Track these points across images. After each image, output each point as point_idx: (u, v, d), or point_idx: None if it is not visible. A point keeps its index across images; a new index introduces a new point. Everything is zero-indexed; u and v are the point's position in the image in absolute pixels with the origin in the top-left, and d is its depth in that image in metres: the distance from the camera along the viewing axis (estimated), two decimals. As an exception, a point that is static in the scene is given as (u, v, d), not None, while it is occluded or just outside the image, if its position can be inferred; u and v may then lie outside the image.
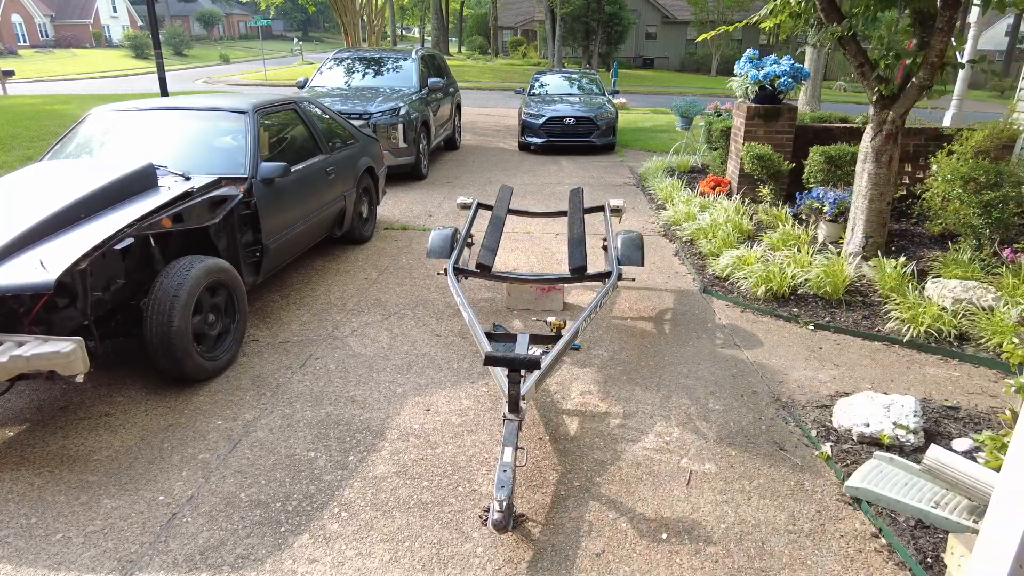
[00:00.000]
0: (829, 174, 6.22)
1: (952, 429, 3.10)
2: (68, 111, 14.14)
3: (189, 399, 3.34)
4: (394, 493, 2.66)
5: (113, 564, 2.29)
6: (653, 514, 2.57)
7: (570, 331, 3.19)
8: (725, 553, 2.37)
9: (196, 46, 47.19)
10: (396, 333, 4.16)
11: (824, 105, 14.76)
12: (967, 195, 5.00)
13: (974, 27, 8.52)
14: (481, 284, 4.90)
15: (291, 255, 4.71)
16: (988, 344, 3.89)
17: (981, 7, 4.78)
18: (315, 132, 5.24)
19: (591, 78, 13.18)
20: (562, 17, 30.52)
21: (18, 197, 3.45)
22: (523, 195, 7.96)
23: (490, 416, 3.23)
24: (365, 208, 6.10)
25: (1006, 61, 33.27)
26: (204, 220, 3.70)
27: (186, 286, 3.25)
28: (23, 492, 2.65)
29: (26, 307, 2.95)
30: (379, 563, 2.30)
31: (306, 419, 3.18)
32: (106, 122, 4.60)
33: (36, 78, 27.99)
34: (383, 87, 9.23)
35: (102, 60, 38.17)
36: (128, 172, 3.65)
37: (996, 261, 4.80)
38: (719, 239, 5.57)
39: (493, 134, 13.42)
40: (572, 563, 2.31)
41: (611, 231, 4.56)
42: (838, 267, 4.67)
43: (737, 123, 7.33)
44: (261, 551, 2.35)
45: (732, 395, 3.47)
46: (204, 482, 2.72)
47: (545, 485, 2.73)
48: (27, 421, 3.17)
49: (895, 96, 4.74)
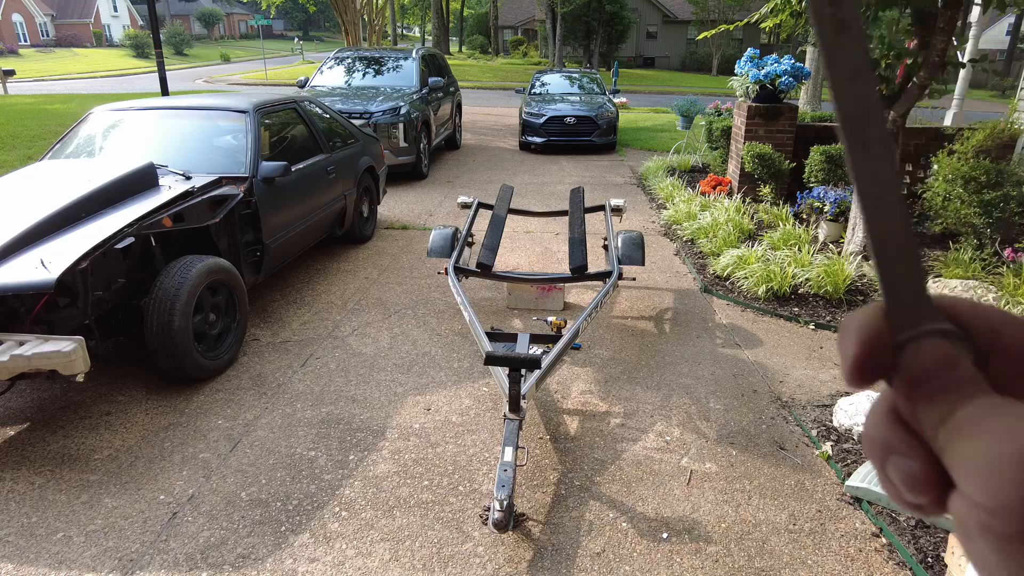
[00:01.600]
0: (830, 173, 6.21)
1: (953, 429, 3.10)
2: (69, 110, 14.15)
3: (190, 398, 3.35)
4: (394, 492, 2.66)
5: (114, 563, 2.29)
6: (654, 513, 2.57)
7: (571, 331, 3.19)
8: (725, 552, 2.37)
9: (197, 45, 47.19)
10: (396, 332, 4.16)
11: (825, 104, 14.74)
12: (968, 195, 4.99)
13: (975, 26, 8.52)
14: (481, 283, 4.90)
15: (292, 254, 4.71)
16: (989, 344, 3.88)
17: (982, 7, 4.77)
18: (316, 131, 5.24)
19: (592, 77, 13.17)
20: (563, 16, 30.50)
21: (19, 196, 3.45)
22: (524, 194, 7.96)
23: (491, 415, 3.23)
24: (366, 207, 6.10)
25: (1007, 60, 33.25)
26: (205, 219, 3.70)
27: (187, 285, 3.25)
28: (24, 491, 2.65)
29: (27, 306, 2.95)
30: (379, 562, 2.31)
31: (307, 418, 3.18)
32: (107, 121, 4.60)
33: (37, 77, 28.00)
34: (384, 86, 9.23)
35: (103, 59, 38.18)
36: (129, 171, 3.65)
37: (997, 261, 4.79)
38: (720, 238, 5.57)
39: (493, 133, 13.41)
40: (572, 562, 2.31)
41: (612, 230, 4.55)
42: (839, 266, 4.67)
43: (738, 122, 7.32)
44: (262, 550, 2.35)
45: (733, 395, 3.47)
46: (205, 481, 2.72)
47: (545, 484, 2.73)
48: (28, 420, 3.17)
49: (896, 95, 4.73)
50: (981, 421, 0.25)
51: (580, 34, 34.27)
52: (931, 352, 0.27)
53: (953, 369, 0.27)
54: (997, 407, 0.25)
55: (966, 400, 0.26)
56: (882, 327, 0.28)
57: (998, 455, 0.24)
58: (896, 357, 0.28)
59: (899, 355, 0.28)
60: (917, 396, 0.27)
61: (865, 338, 0.28)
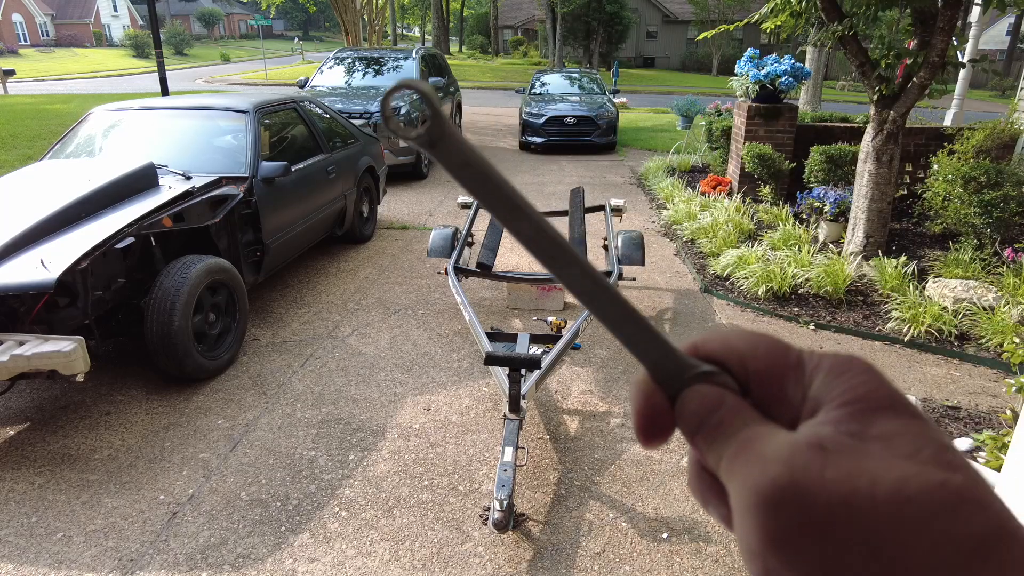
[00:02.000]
0: (830, 173, 6.21)
1: (953, 429, 3.10)
2: (69, 110, 14.15)
3: (190, 398, 3.35)
4: (394, 492, 2.66)
5: (114, 563, 2.29)
6: (654, 513, 2.57)
7: (571, 330, 3.19)
8: (726, 553, 2.37)
9: (197, 45, 47.18)
10: (396, 332, 4.16)
11: (825, 104, 14.75)
12: (968, 195, 4.99)
13: (975, 26, 8.52)
14: (481, 283, 4.90)
15: (292, 254, 4.71)
16: (989, 344, 3.88)
17: (982, 6, 4.77)
18: (316, 131, 5.24)
19: (592, 77, 13.16)
20: (563, 16, 30.49)
21: (19, 196, 3.45)
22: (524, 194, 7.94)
23: (490, 415, 3.23)
24: (366, 207, 6.10)
25: (1007, 60, 33.25)
26: (205, 219, 3.70)
27: (187, 285, 3.25)
28: (24, 491, 2.65)
29: (27, 306, 2.95)
30: (379, 562, 2.30)
31: (306, 418, 3.18)
32: (107, 121, 4.60)
33: (37, 77, 28.00)
34: (384, 86, 9.23)
35: (103, 59, 38.18)
36: (129, 171, 3.65)
37: (997, 261, 4.79)
38: (720, 238, 5.57)
39: (493, 133, 13.42)
40: (572, 562, 2.31)
41: (612, 230, 4.55)
42: (839, 267, 4.67)
43: (738, 122, 7.32)
44: (261, 550, 2.35)
45: (732, 395, 3.47)
46: (205, 481, 2.72)
47: (545, 484, 2.73)
48: (28, 420, 3.17)
49: (896, 95, 4.73)
50: (734, 459, 0.26)
51: (580, 34, 34.27)
52: (694, 398, 0.28)
53: (716, 408, 0.28)
54: (749, 442, 0.26)
55: (731, 437, 0.26)
56: (652, 389, 0.30)
57: (744, 500, 0.24)
58: (672, 412, 0.29)
59: (675, 409, 0.29)
60: (697, 441, 0.28)
61: (641, 404, 0.30)
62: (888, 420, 0.24)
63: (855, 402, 0.25)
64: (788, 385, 0.28)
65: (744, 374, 0.29)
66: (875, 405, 0.25)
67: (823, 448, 0.24)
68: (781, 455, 0.24)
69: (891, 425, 0.24)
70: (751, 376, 0.28)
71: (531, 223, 0.31)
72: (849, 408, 0.25)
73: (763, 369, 0.28)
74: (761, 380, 0.28)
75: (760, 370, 0.28)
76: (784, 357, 0.28)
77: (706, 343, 0.30)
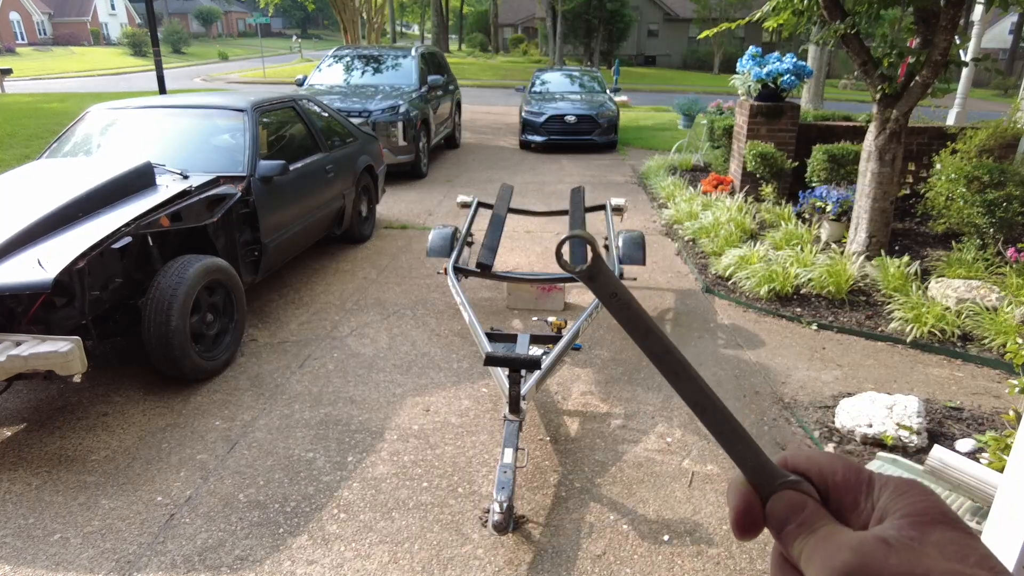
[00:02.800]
0: (832, 173, 6.19)
1: (955, 430, 3.08)
2: (66, 109, 14.12)
3: (187, 399, 3.32)
4: (393, 494, 2.64)
5: (111, 565, 2.27)
6: (655, 516, 2.55)
7: (571, 331, 3.17)
8: (727, 555, 2.35)
9: (194, 44, 47.10)
10: (395, 333, 4.14)
11: (827, 103, 14.72)
12: (971, 194, 4.97)
13: (978, 25, 8.50)
14: (481, 284, 4.88)
15: (290, 254, 4.69)
16: (992, 344, 3.86)
17: (984, 5, 4.74)
18: (314, 130, 5.22)
19: (592, 76, 13.13)
20: (563, 14, 30.42)
21: (16, 196, 3.43)
22: (524, 194, 7.93)
23: (490, 417, 3.21)
24: (364, 207, 6.08)
25: (1010, 59, 33.20)
26: (202, 219, 3.67)
27: (184, 285, 3.23)
28: (21, 492, 2.63)
29: (24, 306, 2.93)
30: (378, 565, 2.29)
31: (305, 419, 3.16)
32: (104, 120, 4.57)
33: (34, 76, 27.94)
34: (383, 85, 9.20)
35: (100, 58, 38.11)
36: (126, 170, 3.63)
37: (1000, 261, 4.77)
38: (721, 238, 5.55)
39: (493, 132, 13.39)
40: (573, 565, 2.29)
41: (612, 230, 4.53)
42: (841, 266, 4.64)
43: (740, 121, 7.30)
44: (259, 552, 2.33)
45: (734, 396, 3.45)
46: (202, 483, 2.70)
47: (546, 486, 2.71)
48: (25, 421, 3.15)
49: (898, 94, 4.71)
50: (815, 549, 0.32)
51: (581, 32, 34.21)
52: (783, 501, 0.35)
53: (801, 511, 0.35)
54: (828, 535, 0.32)
55: (813, 533, 0.33)
56: (748, 491, 0.37)
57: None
58: (763, 511, 0.36)
59: (765, 509, 0.36)
60: (783, 537, 0.35)
61: (738, 502, 0.37)
62: (942, 531, 0.30)
63: (915, 515, 0.31)
64: (860, 498, 0.34)
65: (824, 486, 0.36)
66: (932, 519, 0.31)
67: (888, 543, 0.30)
68: (853, 544, 0.30)
69: (945, 535, 0.30)
70: (830, 488, 0.36)
71: (662, 344, 0.38)
72: (910, 519, 0.31)
73: (841, 483, 0.35)
74: (839, 492, 0.35)
75: (838, 484, 0.35)
76: (858, 475, 0.35)
77: (794, 457, 0.37)
